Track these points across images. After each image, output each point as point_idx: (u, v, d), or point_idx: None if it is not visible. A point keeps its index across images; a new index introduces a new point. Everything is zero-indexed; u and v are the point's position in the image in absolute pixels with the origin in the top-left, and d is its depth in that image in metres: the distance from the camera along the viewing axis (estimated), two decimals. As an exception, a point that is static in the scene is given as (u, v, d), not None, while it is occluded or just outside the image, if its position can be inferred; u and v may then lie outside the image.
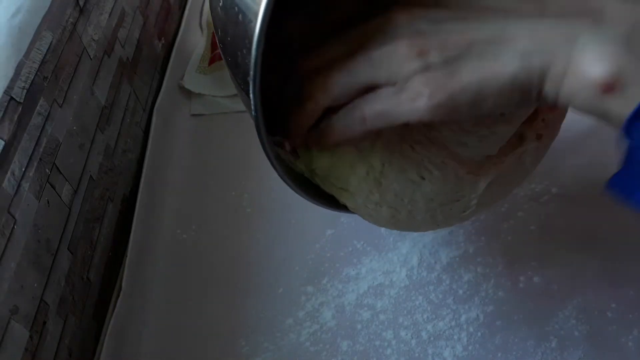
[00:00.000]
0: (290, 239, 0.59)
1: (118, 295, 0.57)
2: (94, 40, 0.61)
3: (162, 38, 0.82)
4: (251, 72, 0.30)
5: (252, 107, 0.31)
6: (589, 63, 0.26)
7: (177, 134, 0.72)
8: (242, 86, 0.34)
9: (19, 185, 0.46)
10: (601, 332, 0.47)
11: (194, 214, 0.63)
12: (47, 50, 0.52)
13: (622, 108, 0.26)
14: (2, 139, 0.45)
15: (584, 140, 0.60)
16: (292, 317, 0.53)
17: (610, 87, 0.26)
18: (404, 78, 0.29)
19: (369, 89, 0.31)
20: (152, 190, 0.66)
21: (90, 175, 0.58)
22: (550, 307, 0.49)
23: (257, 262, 0.58)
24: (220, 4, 0.34)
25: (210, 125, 0.72)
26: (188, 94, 0.76)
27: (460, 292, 0.52)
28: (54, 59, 0.53)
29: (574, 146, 0.58)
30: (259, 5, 0.29)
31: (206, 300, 0.56)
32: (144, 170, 0.67)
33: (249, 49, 0.30)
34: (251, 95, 0.31)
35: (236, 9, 0.32)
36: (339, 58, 0.32)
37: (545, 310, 0.49)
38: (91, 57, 0.60)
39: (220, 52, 0.38)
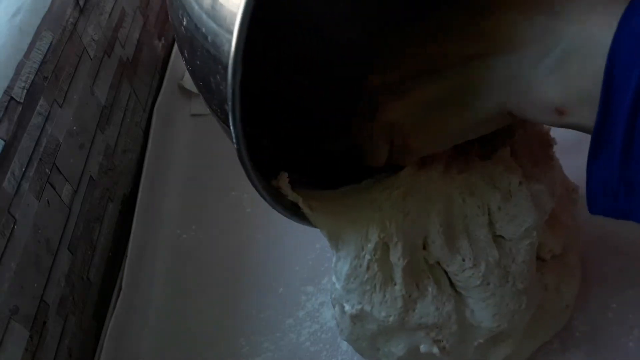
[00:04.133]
0: (290, 238, 0.59)
1: (118, 295, 0.57)
2: (94, 40, 0.61)
3: (162, 38, 0.82)
4: (230, 103, 0.27)
5: (234, 140, 0.29)
6: (541, 94, 0.30)
7: (177, 134, 0.72)
8: (220, 115, 0.31)
9: (19, 185, 0.46)
10: (601, 332, 0.47)
11: (194, 214, 0.63)
12: (47, 50, 0.52)
13: (579, 122, 0.30)
14: (2, 139, 0.45)
15: (584, 140, 0.60)
16: (292, 317, 0.53)
17: (561, 112, 0.30)
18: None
19: None
20: (152, 190, 0.66)
21: (90, 175, 0.58)
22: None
23: (257, 262, 0.58)
24: (184, 23, 0.31)
25: (210, 125, 0.71)
26: (188, 94, 0.76)
27: (461, 292, 0.52)
28: (54, 59, 0.53)
29: (574, 146, 0.58)
30: (232, 24, 0.26)
31: (206, 300, 0.56)
32: (144, 170, 0.67)
33: (224, 76, 0.27)
34: (232, 128, 0.28)
35: (203, 29, 0.29)
36: None
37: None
38: (91, 57, 0.60)
39: (190, 75, 0.35)
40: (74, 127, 0.56)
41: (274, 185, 0.36)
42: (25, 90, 0.48)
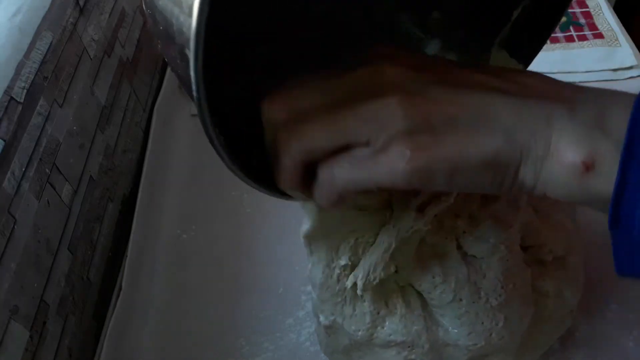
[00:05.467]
0: (290, 238, 0.59)
1: (118, 295, 0.57)
2: (94, 40, 0.61)
3: (162, 38, 0.82)
4: (192, 44, 0.25)
5: (194, 87, 0.26)
6: (567, 146, 0.27)
7: (177, 134, 0.72)
8: (180, 61, 0.28)
9: (19, 185, 0.46)
10: (601, 332, 0.48)
11: (194, 214, 0.63)
12: (47, 50, 0.52)
13: (602, 185, 0.27)
14: (2, 139, 0.45)
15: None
16: (292, 317, 0.53)
17: (587, 166, 0.27)
18: (386, 139, 0.27)
19: (343, 147, 0.29)
20: (152, 190, 0.66)
21: (90, 175, 0.58)
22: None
23: (257, 262, 0.58)
24: None
25: (210, 125, 0.72)
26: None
27: (461, 292, 0.52)
28: (54, 59, 0.53)
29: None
30: None
31: (206, 300, 0.56)
32: (144, 170, 0.67)
33: (189, 13, 0.24)
34: (192, 73, 0.26)
35: None
36: (319, 108, 0.29)
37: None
38: (91, 57, 0.60)
39: (148, 19, 0.31)
40: (74, 127, 0.56)
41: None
42: (25, 90, 0.48)
